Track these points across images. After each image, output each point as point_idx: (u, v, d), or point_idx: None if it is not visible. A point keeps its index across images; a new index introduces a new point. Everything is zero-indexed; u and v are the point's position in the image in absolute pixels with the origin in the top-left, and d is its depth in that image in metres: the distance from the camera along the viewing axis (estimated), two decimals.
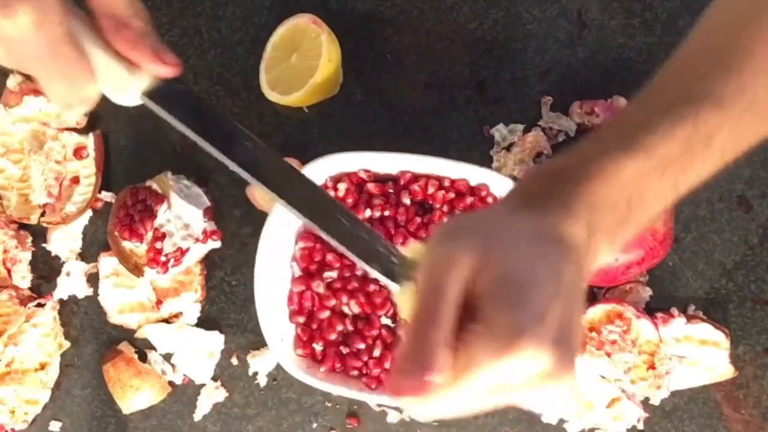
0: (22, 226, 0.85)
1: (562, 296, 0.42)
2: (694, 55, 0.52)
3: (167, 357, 0.83)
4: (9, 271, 0.83)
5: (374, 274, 0.48)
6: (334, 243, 0.49)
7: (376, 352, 0.77)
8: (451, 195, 0.77)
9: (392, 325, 0.78)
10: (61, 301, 0.84)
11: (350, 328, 0.77)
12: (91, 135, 0.84)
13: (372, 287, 0.76)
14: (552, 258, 0.43)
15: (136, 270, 0.80)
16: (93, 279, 0.84)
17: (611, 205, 0.47)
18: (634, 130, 0.48)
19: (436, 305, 0.42)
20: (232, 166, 0.50)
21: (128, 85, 0.49)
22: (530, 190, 0.48)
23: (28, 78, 0.83)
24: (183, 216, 0.80)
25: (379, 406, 0.81)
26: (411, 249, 0.48)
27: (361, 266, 0.49)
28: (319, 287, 0.77)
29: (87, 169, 0.83)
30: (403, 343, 0.42)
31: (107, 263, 0.83)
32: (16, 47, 0.45)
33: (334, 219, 0.50)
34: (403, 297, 0.47)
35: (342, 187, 0.77)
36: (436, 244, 0.44)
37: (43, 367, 0.82)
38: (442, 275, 0.42)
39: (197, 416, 0.83)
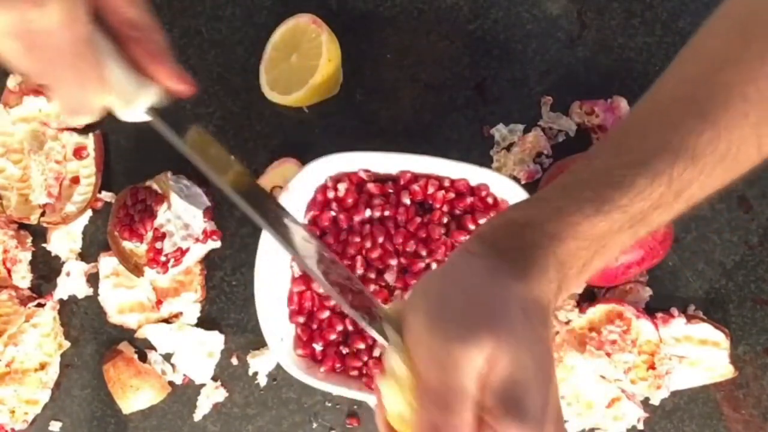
0: (22, 226, 0.85)
1: (552, 375, 0.44)
2: (667, 102, 0.51)
3: (167, 357, 0.83)
4: (9, 271, 0.83)
5: (369, 330, 0.48)
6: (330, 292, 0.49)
7: (376, 352, 0.77)
8: (451, 195, 0.77)
9: None
10: (61, 301, 0.84)
11: (350, 328, 0.77)
12: (91, 135, 0.84)
13: (372, 287, 0.76)
14: (539, 330, 0.44)
15: (136, 270, 0.80)
16: (93, 279, 0.84)
17: (578, 260, 0.47)
18: (609, 187, 0.47)
19: (458, 413, 0.42)
20: (227, 190, 0.50)
21: (136, 99, 0.48)
22: (501, 244, 0.47)
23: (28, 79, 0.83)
24: (183, 216, 0.80)
25: None
26: (390, 307, 0.48)
27: (357, 319, 0.48)
28: (319, 287, 0.77)
29: (87, 169, 0.84)
30: None
31: (107, 263, 0.83)
32: (39, 42, 0.45)
33: (326, 263, 0.50)
34: (392, 358, 0.45)
35: (342, 187, 0.77)
36: (439, 336, 0.43)
37: (43, 367, 0.82)
38: (460, 377, 0.42)
39: (197, 416, 0.83)
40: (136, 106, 0.49)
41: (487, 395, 0.42)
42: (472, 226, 0.76)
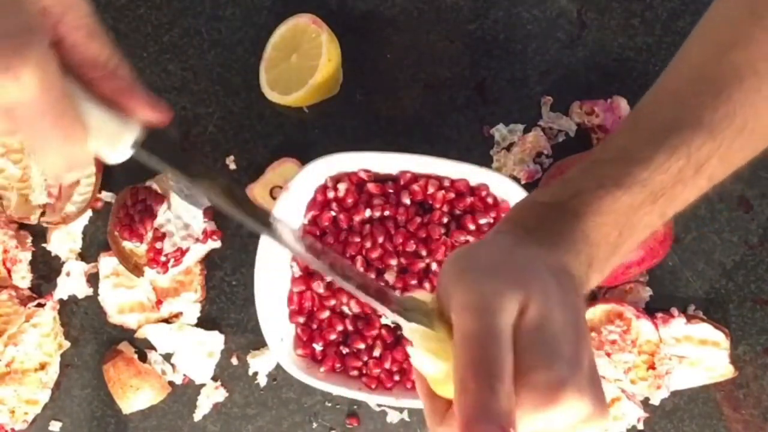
0: (22, 226, 0.85)
1: (587, 336, 0.43)
2: (680, 81, 0.53)
3: (167, 357, 0.83)
4: (9, 271, 0.83)
5: (388, 314, 0.47)
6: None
7: (376, 352, 0.77)
8: (451, 195, 0.77)
9: (392, 325, 0.78)
10: (61, 301, 0.84)
11: (350, 328, 0.77)
12: None
13: None
14: (571, 295, 0.44)
15: (136, 270, 0.80)
16: (93, 279, 0.84)
17: (605, 238, 0.48)
18: (628, 164, 0.48)
19: (498, 353, 0.40)
20: (226, 210, 0.49)
21: (120, 137, 0.47)
22: (529, 223, 0.48)
23: None
24: (183, 216, 0.80)
25: (379, 406, 0.82)
26: (412, 297, 0.47)
27: (377, 306, 0.47)
28: (319, 287, 0.77)
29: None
30: (465, 392, 0.40)
31: (107, 263, 0.83)
32: (19, 111, 0.43)
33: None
34: (415, 335, 0.45)
35: (342, 187, 0.77)
36: (474, 284, 0.42)
37: (43, 367, 0.82)
38: (495, 319, 0.41)
39: (197, 416, 0.83)
40: (120, 145, 0.47)
41: (518, 343, 0.41)
42: (472, 226, 0.76)
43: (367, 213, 0.77)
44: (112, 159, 0.48)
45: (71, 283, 0.84)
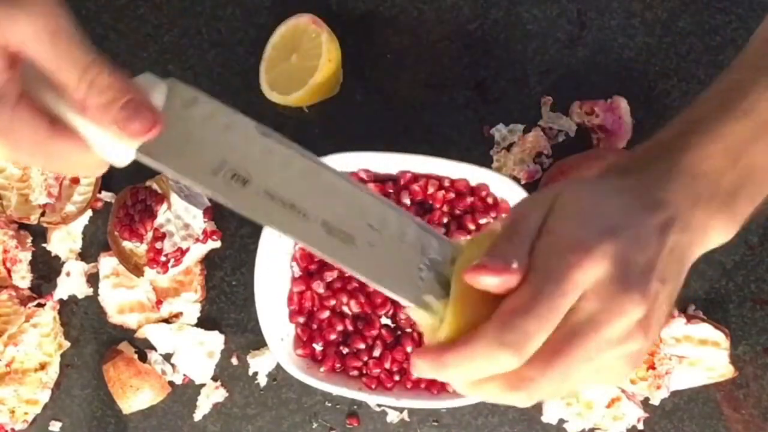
0: (22, 226, 0.85)
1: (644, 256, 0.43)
2: None
3: (167, 357, 0.83)
4: (9, 271, 0.83)
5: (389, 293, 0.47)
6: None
7: (376, 352, 0.77)
8: (451, 195, 0.77)
9: (392, 325, 0.78)
10: (61, 301, 0.84)
11: (350, 328, 0.77)
12: None
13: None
14: (655, 223, 0.43)
15: (136, 270, 0.80)
16: (93, 279, 0.84)
17: (717, 173, 0.46)
18: (733, 93, 0.47)
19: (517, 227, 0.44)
20: (237, 209, 0.49)
21: (118, 148, 0.45)
22: (629, 162, 0.47)
23: None
24: (183, 216, 0.80)
25: (379, 406, 0.82)
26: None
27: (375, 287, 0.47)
28: (319, 287, 0.77)
29: None
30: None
31: (107, 263, 0.83)
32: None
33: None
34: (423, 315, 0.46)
35: None
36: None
37: (43, 367, 0.82)
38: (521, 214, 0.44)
39: (197, 416, 0.83)
40: (120, 154, 0.46)
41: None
42: (472, 226, 0.76)
43: None
44: (118, 164, 0.46)
45: (71, 283, 0.84)
